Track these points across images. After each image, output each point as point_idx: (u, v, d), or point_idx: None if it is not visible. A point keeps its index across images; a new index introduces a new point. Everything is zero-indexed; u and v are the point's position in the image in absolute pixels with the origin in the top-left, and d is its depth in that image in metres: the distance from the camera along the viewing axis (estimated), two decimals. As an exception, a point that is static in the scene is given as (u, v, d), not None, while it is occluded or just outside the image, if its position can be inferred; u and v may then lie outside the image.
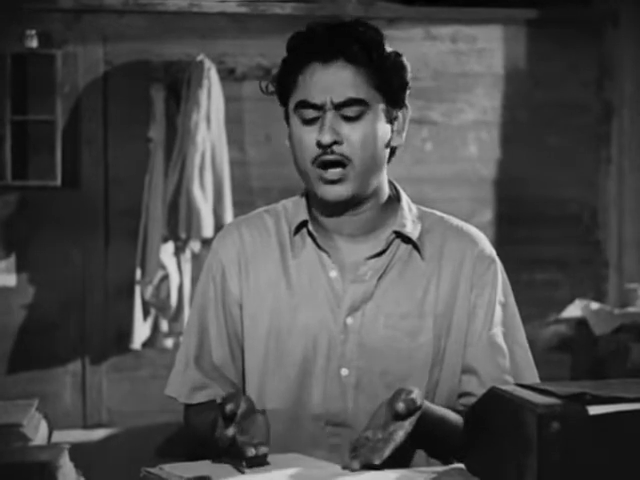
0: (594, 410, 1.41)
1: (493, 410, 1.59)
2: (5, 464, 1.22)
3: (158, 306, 5.27)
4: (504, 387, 1.60)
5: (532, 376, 1.96)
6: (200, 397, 2.02)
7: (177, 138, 5.30)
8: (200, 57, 5.32)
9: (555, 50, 5.79)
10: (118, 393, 5.31)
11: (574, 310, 4.55)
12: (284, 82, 1.98)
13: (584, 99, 5.83)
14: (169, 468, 1.65)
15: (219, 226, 5.03)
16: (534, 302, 5.40)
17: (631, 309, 4.36)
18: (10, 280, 5.43)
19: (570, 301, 5.16)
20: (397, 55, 1.98)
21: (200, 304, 2.08)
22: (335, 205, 1.96)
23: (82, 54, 5.46)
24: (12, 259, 5.44)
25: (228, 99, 5.35)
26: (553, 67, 5.79)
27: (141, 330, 5.30)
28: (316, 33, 1.97)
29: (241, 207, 5.00)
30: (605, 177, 5.82)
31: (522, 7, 5.77)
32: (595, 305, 4.51)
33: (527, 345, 2.04)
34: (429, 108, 5.68)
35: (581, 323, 4.54)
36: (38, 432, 1.40)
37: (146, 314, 5.33)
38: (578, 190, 5.81)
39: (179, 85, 5.35)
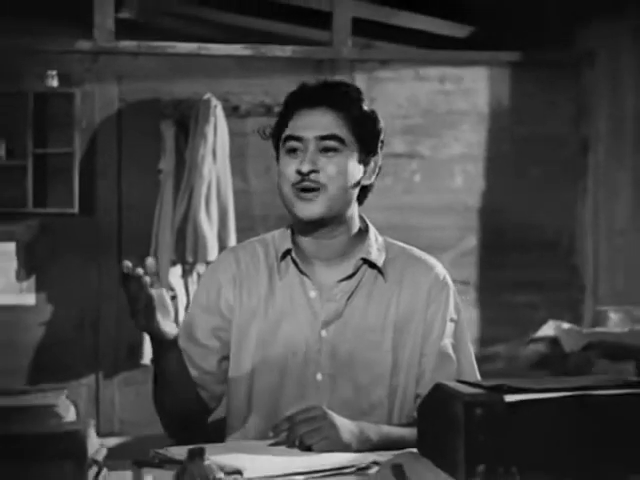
0: (509, 398, 1.63)
1: (436, 402, 1.83)
2: (45, 433, 1.53)
3: (167, 324, 5.39)
4: (445, 382, 1.88)
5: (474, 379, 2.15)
6: None
7: (185, 170, 5.38)
8: (207, 95, 5.40)
9: (536, 89, 5.86)
10: (129, 404, 5.36)
11: (547, 330, 4.73)
12: (277, 126, 2.23)
13: (563, 134, 5.89)
14: (173, 449, 1.95)
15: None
16: (515, 322, 5.55)
17: (598, 329, 4.55)
18: (30, 299, 5.48)
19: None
20: (373, 111, 2.24)
21: (192, 305, 2.34)
22: (308, 223, 2.19)
23: (98, 92, 5.53)
24: (32, 280, 5.49)
25: (232, 134, 5.44)
26: (534, 105, 5.86)
27: (151, 346, 5.42)
28: (306, 87, 2.24)
29: (244, 233, 5.07)
30: (582, 206, 5.86)
31: (506, 50, 5.85)
32: (566, 325, 4.70)
33: (472, 355, 2.29)
34: (418, 143, 5.77)
35: (555, 342, 4.74)
36: (69, 412, 1.70)
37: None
38: (557, 218, 5.86)
39: (187, 121, 5.42)
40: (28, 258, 5.49)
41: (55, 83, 5.42)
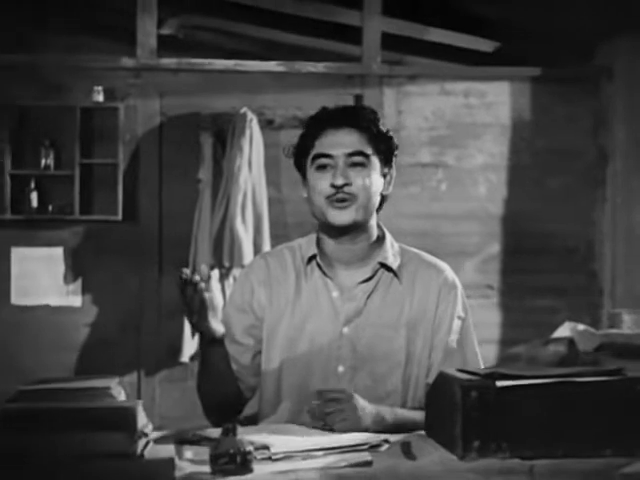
0: (500, 383, 1.86)
1: (439, 387, 2.05)
2: (102, 408, 1.78)
3: (204, 325, 5.44)
4: (447, 370, 2.09)
5: None
6: None
7: (223, 179, 5.42)
8: (243, 109, 5.47)
9: (556, 103, 5.87)
10: (169, 401, 5.46)
11: (564, 331, 4.85)
12: (304, 146, 2.44)
13: (582, 145, 5.89)
14: (209, 430, 2.17)
15: (258, 256, 5.21)
16: (536, 325, 5.49)
17: (610, 330, 4.66)
18: (76, 301, 5.56)
19: (566, 325, 5.39)
20: (388, 130, 2.46)
21: (227, 308, 2.53)
22: (339, 229, 2.40)
23: (141, 107, 5.60)
24: (78, 283, 5.56)
25: (267, 146, 5.48)
26: (554, 117, 5.87)
27: (189, 345, 5.42)
28: (328, 111, 2.46)
29: (277, 239, 5.04)
30: (600, 214, 5.86)
31: (527, 66, 5.88)
32: (581, 327, 4.81)
33: (477, 349, 2.51)
34: (444, 154, 5.80)
35: (572, 342, 4.86)
36: (120, 394, 1.95)
37: (194, 333, 5.38)
38: (576, 226, 5.86)
39: (225, 134, 5.46)
40: (75, 262, 5.57)
41: (101, 98, 5.50)
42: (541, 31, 6.03)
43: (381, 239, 2.52)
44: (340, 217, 2.39)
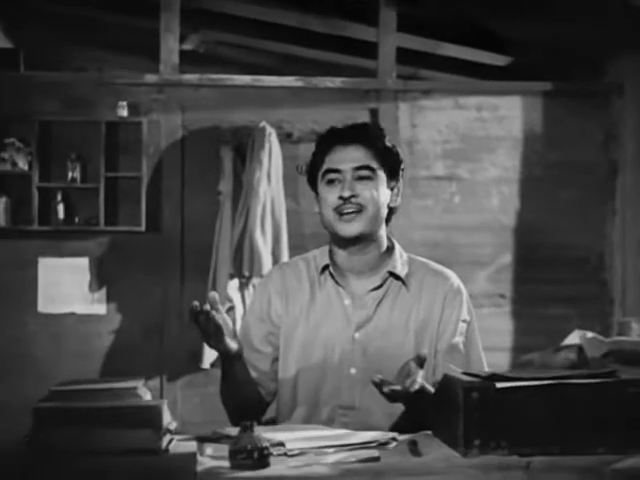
0: (500, 385, 1.98)
1: (443, 389, 2.17)
2: (130, 406, 1.92)
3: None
4: (451, 373, 2.19)
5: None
6: None
7: (242, 191, 5.46)
8: (262, 123, 5.51)
9: (567, 117, 5.90)
10: (190, 406, 5.50)
11: (573, 338, 4.93)
12: (315, 162, 2.57)
13: (592, 159, 5.92)
14: (228, 429, 2.29)
15: (277, 266, 5.21)
16: (548, 333, 5.44)
17: (618, 337, 4.74)
18: (101, 309, 5.62)
19: (577, 333, 5.43)
20: (394, 145, 2.59)
21: (247, 317, 2.67)
22: (348, 240, 2.51)
23: (164, 121, 5.67)
24: (103, 291, 5.62)
25: (285, 159, 5.52)
26: (565, 131, 5.91)
27: (210, 352, 5.36)
28: (336, 129, 2.58)
29: (295, 250, 5.06)
30: (611, 226, 5.89)
31: (538, 80, 5.93)
32: (590, 334, 4.90)
33: (481, 351, 2.61)
34: (457, 166, 5.86)
35: (581, 349, 4.93)
36: (146, 395, 2.08)
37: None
38: (587, 237, 5.89)
39: (245, 147, 5.51)
40: (100, 272, 5.63)
41: (125, 113, 5.56)
42: (553, 47, 6.11)
43: (390, 249, 2.63)
44: (348, 229, 2.50)
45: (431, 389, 2.33)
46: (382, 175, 2.54)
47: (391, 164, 2.58)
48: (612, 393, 2.04)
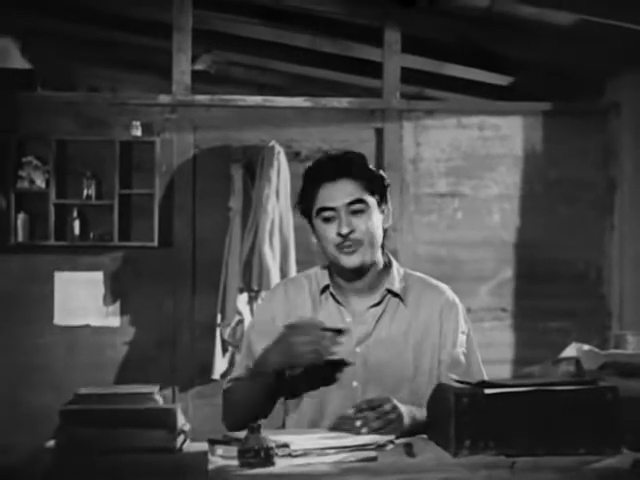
0: (488, 391, 2.12)
1: (438, 395, 2.29)
2: (147, 409, 2.07)
3: (234, 344, 5.44)
4: (444, 381, 2.34)
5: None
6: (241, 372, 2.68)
7: (252, 208, 5.51)
8: (272, 142, 5.58)
9: (566, 136, 6.00)
10: (201, 415, 5.39)
11: (570, 351, 5.02)
12: (306, 199, 2.61)
13: (591, 176, 6.01)
14: (237, 432, 2.43)
15: (285, 280, 5.17)
16: (548, 346, 5.51)
17: (613, 350, 4.84)
18: (115, 321, 5.70)
19: (576, 346, 5.51)
20: (377, 170, 2.65)
21: (250, 331, 2.75)
22: (351, 270, 2.60)
23: (176, 140, 5.75)
24: (117, 304, 5.70)
25: (294, 176, 5.50)
26: (565, 150, 6.00)
27: (220, 364, 5.52)
28: (323, 164, 2.62)
29: (303, 265, 5.00)
30: (609, 241, 5.98)
31: (539, 101, 6.03)
32: (586, 347, 4.99)
33: (480, 360, 2.70)
34: (460, 184, 5.96)
35: (578, 362, 5.03)
36: (162, 400, 2.24)
37: (224, 351, 5.54)
38: (586, 252, 5.98)
39: (254, 165, 5.56)
40: (114, 285, 5.72)
41: (139, 132, 5.66)
42: (553, 67, 6.22)
43: (388, 266, 2.72)
44: (350, 261, 2.58)
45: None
46: (373, 202, 2.60)
47: (379, 190, 2.63)
48: (592, 399, 2.17)
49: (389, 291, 2.67)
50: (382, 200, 2.65)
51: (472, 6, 5.54)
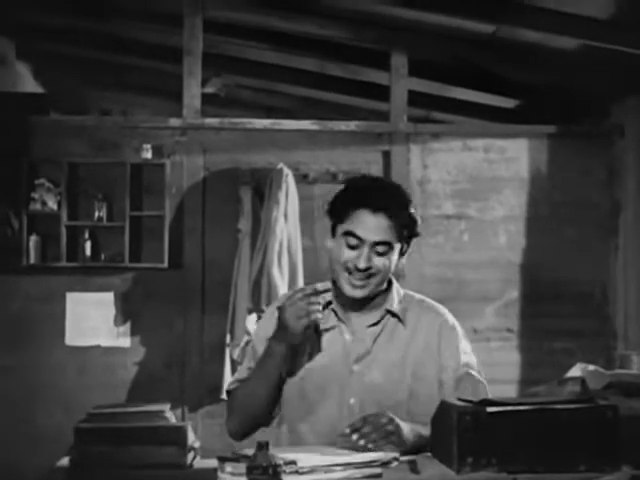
0: (490, 409, 2.17)
1: (441, 413, 2.34)
2: (158, 426, 2.13)
3: (243, 364, 5.57)
4: (448, 399, 2.39)
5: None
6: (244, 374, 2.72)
7: (261, 229, 5.53)
8: (280, 165, 5.60)
9: (571, 158, 6.04)
10: (210, 435, 5.39)
11: (575, 371, 5.06)
12: (339, 208, 2.62)
13: (596, 197, 6.05)
14: (246, 450, 2.47)
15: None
16: (553, 366, 5.66)
17: (618, 370, 4.88)
18: (126, 342, 5.73)
19: (581, 366, 5.52)
20: (415, 214, 2.65)
21: (254, 337, 2.80)
22: (356, 300, 2.65)
23: (186, 163, 5.79)
24: (128, 325, 5.72)
25: (302, 198, 5.64)
26: (569, 172, 6.04)
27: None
28: (370, 188, 2.64)
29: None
30: (614, 262, 5.99)
31: (543, 124, 6.07)
32: (591, 367, 5.02)
33: (484, 381, 2.72)
34: (466, 206, 5.99)
35: (584, 382, 5.06)
36: (172, 417, 2.29)
37: (234, 371, 5.36)
38: (591, 273, 5.99)
39: (263, 187, 5.60)
40: (124, 306, 5.74)
41: (149, 155, 5.70)
42: (558, 91, 6.27)
43: (388, 286, 2.74)
44: (355, 293, 2.62)
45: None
46: (397, 247, 2.62)
47: (408, 236, 2.65)
48: (592, 417, 2.22)
49: (388, 311, 2.71)
50: (407, 244, 2.67)
51: (477, 31, 5.57)
